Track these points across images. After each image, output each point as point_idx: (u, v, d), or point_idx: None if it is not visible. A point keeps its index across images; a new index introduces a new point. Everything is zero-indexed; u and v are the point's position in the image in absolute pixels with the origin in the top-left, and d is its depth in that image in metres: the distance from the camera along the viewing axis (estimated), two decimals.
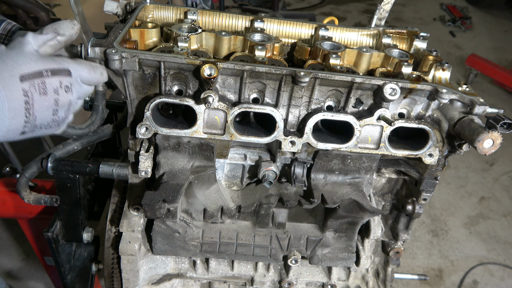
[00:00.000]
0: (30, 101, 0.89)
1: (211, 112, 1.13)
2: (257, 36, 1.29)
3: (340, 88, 1.16)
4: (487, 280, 3.44)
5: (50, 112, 0.94)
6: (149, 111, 1.11)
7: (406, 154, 1.22)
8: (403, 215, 1.46)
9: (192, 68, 1.09)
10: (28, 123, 0.91)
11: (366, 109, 1.20)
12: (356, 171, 1.28)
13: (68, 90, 0.97)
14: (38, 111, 0.92)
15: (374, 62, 1.32)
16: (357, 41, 1.47)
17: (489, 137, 1.05)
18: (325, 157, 1.23)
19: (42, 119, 0.94)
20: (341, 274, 1.59)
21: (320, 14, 7.26)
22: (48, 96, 0.92)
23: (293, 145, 1.17)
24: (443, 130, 1.21)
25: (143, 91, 1.15)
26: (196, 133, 1.14)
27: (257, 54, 1.19)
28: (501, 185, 4.36)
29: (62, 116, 0.98)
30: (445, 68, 1.27)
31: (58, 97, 0.94)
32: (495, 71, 5.49)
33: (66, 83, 0.96)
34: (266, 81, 1.14)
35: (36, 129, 0.94)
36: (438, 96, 1.13)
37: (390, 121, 1.12)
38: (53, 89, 0.93)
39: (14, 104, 0.86)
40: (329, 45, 1.30)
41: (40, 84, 0.91)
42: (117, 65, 1.04)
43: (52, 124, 0.97)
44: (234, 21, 1.40)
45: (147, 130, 1.13)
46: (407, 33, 1.46)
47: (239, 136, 1.15)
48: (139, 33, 1.22)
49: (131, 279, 1.43)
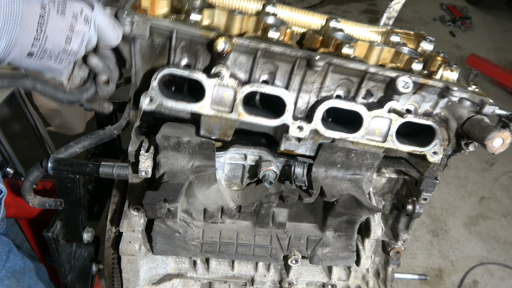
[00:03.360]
0: (46, 16, 0.83)
1: (220, 89, 1.10)
2: (270, 19, 1.26)
3: (352, 77, 1.15)
4: (487, 280, 3.44)
5: (63, 37, 0.88)
6: (156, 81, 1.06)
7: (411, 150, 1.21)
8: (403, 215, 1.46)
9: (205, 42, 1.06)
10: (38, 41, 0.84)
11: (376, 101, 1.19)
12: (358, 167, 1.28)
13: (86, 21, 0.90)
14: (51, 30, 0.85)
15: (384, 58, 1.31)
16: (366, 37, 1.46)
17: (499, 136, 1.06)
18: (330, 149, 1.23)
19: (54, 42, 0.87)
20: (342, 274, 1.59)
21: None
22: (65, 18, 0.86)
23: (301, 130, 1.14)
24: (451, 128, 1.20)
25: (150, 61, 1.11)
26: (202, 108, 1.10)
27: (270, 36, 1.15)
28: (501, 185, 4.36)
29: (74, 49, 0.91)
30: (453, 69, 1.27)
31: (75, 22, 0.88)
32: (495, 71, 5.49)
33: (87, 13, 0.90)
34: (279, 63, 1.12)
35: (44, 55, 0.87)
36: (449, 93, 1.13)
37: (402, 113, 1.12)
38: (73, 13, 0.87)
39: (28, 13, 0.80)
40: (342, 35, 1.29)
41: (60, 2, 0.85)
42: (127, 29, 1.00)
43: (63, 56, 0.90)
44: (246, 3, 1.37)
45: (151, 100, 1.08)
46: (414, 34, 1.46)
47: (247, 115, 1.11)
48: (150, 1, 1.16)
49: (132, 279, 1.43)
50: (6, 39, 0.81)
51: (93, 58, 1.12)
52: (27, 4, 0.80)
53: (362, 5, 7.92)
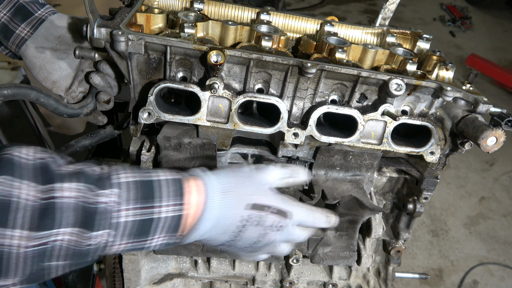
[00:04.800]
0: (242, 229, 0.93)
1: (215, 99, 1.12)
2: (263, 28, 1.28)
3: (346, 82, 1.16)
4: (487, 280, 3.45)
5: (251, 242, 0.96)
6: (152, 96, 1.09)
7: (408, 151, 1.22)
8: (404, 214, 1.46)
9: (199, 54, 1.08)
10: (228, 242, 0.95)
11: (370, 104, 1.20)
12: (357, 168, 1.29)
13: (278, 230, 0.97)
14: (243, 239, 0.95)
15: (379, 59, 1.32)
16: (362, 39, 1.47)
17: (493, 135, 1.06)
18: (327, 153, 1.23)
19: (241, 244, 0.96)
20: (342, 273, 1.59)
21: (320, 14, 7.27)
22: (258, 229, 0.94)
23: (296, 137, 1.16)
24: (446, 128, 1.21)
25: (147, 76, 1.13)
26: (199, 120, 1.13)
27: (264, 45, 1.18)
28: (501, 185, 4.36)
29: (257, 248, 0.99)
30: (448, 67, 1.27)
31: (266, 233, 0.96)
32: (495, 71, 5.49)
33: (282, 224, 0.96)
34: (272, 71, 1.13)
35: (230, 247, 0.98)
36: (443, 93, 1.13)
37: (395, 116, 1.12)
38: (268, 225, 0.95)
39: (229, 223, 0.92)
40: (335, 40, 1.30)
41: (259, 217, 0.93)
42: (123, 47, 1.02)
43: (246, 248, 0.99)
44: (240, 12, 1.39)
45: (149, 115, 1.10)
46: (410, 33, 1.46)
47: (242, 125, 1.14)
48: (145, 17, 1.20)
49: (133, 278, 1.43)
50: (209, 235, 0.93)
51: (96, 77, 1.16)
52: (229, 219, 0.92)
53: (362, 5, 7.92)
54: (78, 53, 1.15)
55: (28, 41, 1.19)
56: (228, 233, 0.93)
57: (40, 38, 1.19)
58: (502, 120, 1.07)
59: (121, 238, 0.83)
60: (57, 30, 1.21)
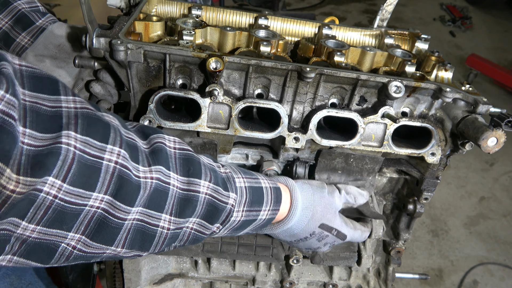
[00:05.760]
0: (306, 239, 1.17)
1: (215, 106, 1.13)
2: (262, 33, 1.28)
3: (345, 85, 1.16)
4: (487, 280, 3.45)
5: (307, 246, 1.21)
6: (153, 104, 1.10)
7: (408, 152, 1.22)
8: (404, 214, 1.46)
9: (198, 62, 1.08)
10: (289, 242, 1.22)
11: (370, 107, 1.20)
12: (359, 172, 1.29)
13: (331, 244, 1.23)
14: (302, 244, 1.19)
15: (378, 61, 1.32)
16: (360, 41, 1.47)
17: (493, 135, 1.06)
18: (328, 156, 1.24)
19: (298, 245, 1.23)
20: (343, 274, 1.59)
21: (320, 14, 7.26)
22: (319, 242, 1.19)
23: (297, 141, 1.16)
24: (446, 129, 1.21)
25: (147, 83, 1.14)
26: (200, 127, 1.14)
27: (262, 50, 1.19)
28: (501, 185, 4.37)
29: (308, 249, 1.25)
30: (447, 68, 1.27)
31: (318, 245, 1.20)
32: (495, 71, 5.49)
33: (336, 242, 1.21)
34: (271, 76, 1.14)
35: (286, 242, 1.23)
36: (442, 95, 1.13)
37: (395, 118, 1.12)
38: (325, 242, 1.19)
39: (299, 233, 1.14)
40: (333, 43, 1.30)
41: (323, 235, 1.16)
42: (122, 56, 1.02)
43: (299, 247, 1.27)
44: (238, 17, 1.40)
45: (150, 123, 1.11)
46: (409, 34, 1.46)
47: (243, 131, 1.15)
48: (143, 25, 1.21)
49: (133, 279, 1.43)
50: (278, 235, 1.17)
51: (96, 86, 1.18)
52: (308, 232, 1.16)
53: (362, 5, 7.92)
54: (78, 62, 1.16)
55: (28, 50, 1.19)
56: (294, 238, 1.15)
57: (39, 46, 1.20)
58: (502, 121, 1.07)
59: (227, 231, 1.02)
60: (57, 39, 1.21)
